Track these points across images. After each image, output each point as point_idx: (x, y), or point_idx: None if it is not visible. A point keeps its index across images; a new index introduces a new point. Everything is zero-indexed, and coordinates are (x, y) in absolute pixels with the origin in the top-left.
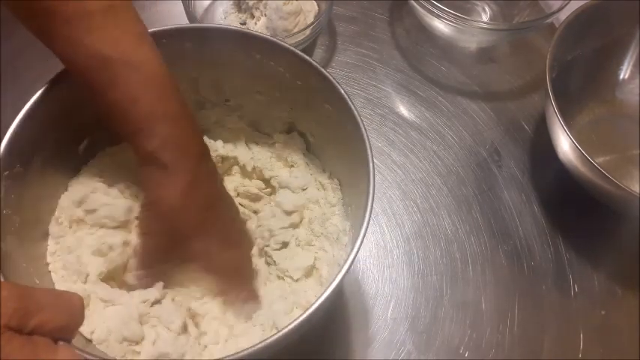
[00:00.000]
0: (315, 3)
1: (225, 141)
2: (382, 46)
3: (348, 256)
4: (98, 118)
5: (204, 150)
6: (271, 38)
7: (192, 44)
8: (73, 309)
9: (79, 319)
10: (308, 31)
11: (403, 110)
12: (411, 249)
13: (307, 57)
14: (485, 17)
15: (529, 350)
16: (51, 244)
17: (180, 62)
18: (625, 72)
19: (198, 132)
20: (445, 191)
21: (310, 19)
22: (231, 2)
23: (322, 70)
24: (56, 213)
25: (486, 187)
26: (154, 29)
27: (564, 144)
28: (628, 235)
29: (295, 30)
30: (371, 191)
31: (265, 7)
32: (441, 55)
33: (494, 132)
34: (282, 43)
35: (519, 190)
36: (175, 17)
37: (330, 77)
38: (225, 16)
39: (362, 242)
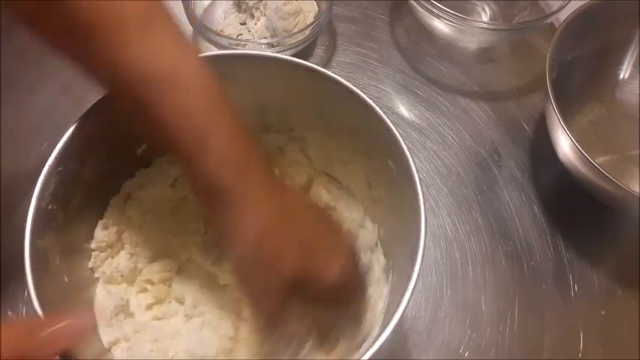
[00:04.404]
0: (315, 3)
1: (281, 169)
2: (382, 46)
3: (380, 332)
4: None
5: (267, 163)
6: (346, 83)
7: (267, 71)
8: (79, 335)
9: (86, 337)
10: (308, 31)
11: (403, 110)
12: None
13: (379, 110)
14: (485, 17)
15: (529, 350)
16: (94, 249)
17: (253, 86)
18: (625, 72)
19: (257, 144)
20: (445, 191)
21: (310, 19)
22: (231, 2)
23: (392, 127)
24: (104, 218)
25: (486, 187)
26: (231, 52)
27: (564, 144)
28: (628, 235)
29: (295, 30)
30: (417, 267)
31: (265, 7)
32: (441, 55)
33: (494, 132)
34: (356, 90)
35: (519, 190)
36: (175, 17)
37: (399, 136)
38: (225, 16)
39: (397, 320)
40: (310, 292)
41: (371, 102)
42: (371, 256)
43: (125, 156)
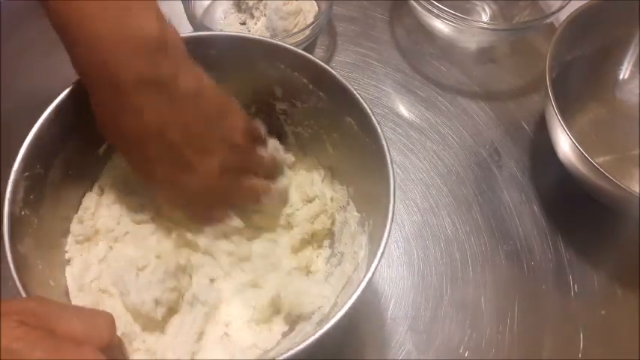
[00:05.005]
0: (315, 3)
1: None
2: (382, 46)
3: (362, 278)
4: None
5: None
6: (297, 50)
7: (217, 52)
8: (98, 324)
9: (104, 334)
10: (308, 31)
11: (403, 110)
12: (411, 249)
13: (331, 70)
14: (485, 17)
15: (529, 350)
16: (70, 241)
17: (205, 69)
18: (625, 72)
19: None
20: (445, 191)
21: (310, 19)
22: (231, 2)
23: (346, 82)
24: (79, 212)
25: (486, 187)
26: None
27: (564, 144)
28: (628, 235)
29: (295, 30)
30: (390, 211)
31: (265, 7)
32: (441, 55)
33: (494, 132)
34: (308, 55)
35: (519, 190)
36: (175, 17)
37: (353, 90)
38: (225, 16)
39: (377, 264)
40: None
41: (313, 57)
42: (344, 214)
43: (88, 157)
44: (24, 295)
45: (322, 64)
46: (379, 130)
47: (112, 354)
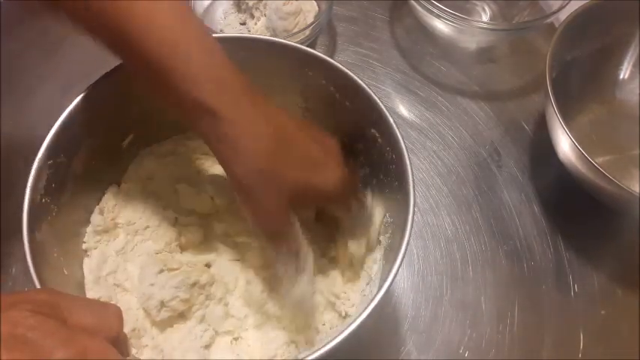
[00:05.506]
0: (315, 3)
1: None
2: (382, 46)
3: (377, 292)
4: (143, 114)
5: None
6: (327, 58)
7: (246, 54)
8: (107, 316)
9: (114, 326)
10: (308, 31)
11: (403, 110)
12: (410, 249)
13: (359, 80)
14: (485, 17)
15: (529, 350)
16: (89, 232)
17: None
18: (625, 72)
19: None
20: (445, 191)
21: (310, 19)
22: (231, 2)
23: (373, 95)
24: (101, 203)
25: (486, 187)
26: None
27: (564, 144)
28: (628, 235)
29: (295, 30)
30: (409, 225)
31: (265, 8)
32: (441, 55)
33: (494, 132)
34: (337, 64)
35: (519, 190)
36: None
37: (380, 103)
38: (225, 16)
39: (390, 284)
40: (311, 206)
41: (353, 75)
42: None
43: (112, 149)
44: (36, 280)
45: (351, 74)
46: (404, 147)
47: (119, 347)
